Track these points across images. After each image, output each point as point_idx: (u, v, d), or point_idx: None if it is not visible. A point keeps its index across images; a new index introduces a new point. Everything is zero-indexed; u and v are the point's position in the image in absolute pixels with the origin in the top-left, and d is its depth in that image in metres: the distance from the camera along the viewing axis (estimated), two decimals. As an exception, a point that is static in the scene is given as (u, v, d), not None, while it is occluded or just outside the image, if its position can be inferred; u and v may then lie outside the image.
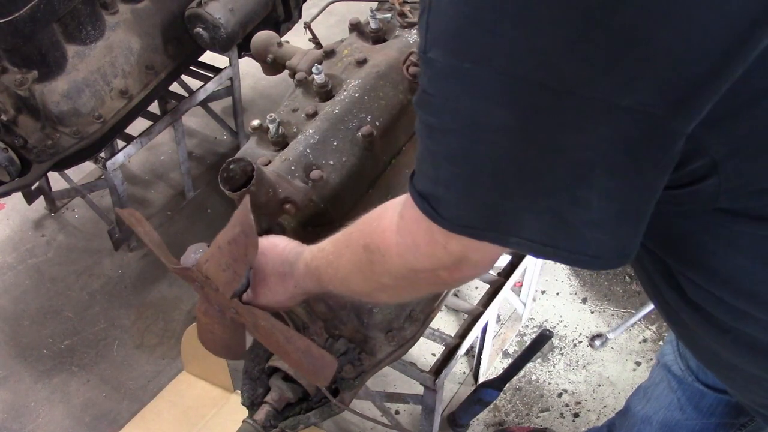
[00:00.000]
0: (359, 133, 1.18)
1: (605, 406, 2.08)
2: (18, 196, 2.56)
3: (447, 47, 0.61)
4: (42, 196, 2.64)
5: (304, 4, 2.48)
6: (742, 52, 0.55)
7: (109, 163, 2.25)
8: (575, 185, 0.62)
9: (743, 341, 0.79)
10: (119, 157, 2.28)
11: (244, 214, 0.90)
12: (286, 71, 1.45)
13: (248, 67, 2.67)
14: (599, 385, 2.13)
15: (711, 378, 1.29)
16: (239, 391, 1.41)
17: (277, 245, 1.01)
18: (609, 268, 0.68)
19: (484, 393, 1.92)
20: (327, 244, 0.93)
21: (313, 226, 1.24)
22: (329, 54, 1.36)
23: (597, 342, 2.21)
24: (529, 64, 0.57)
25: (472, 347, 2.08)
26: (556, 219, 0.64)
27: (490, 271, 1.75)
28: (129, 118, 2.13)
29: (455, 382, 2.14)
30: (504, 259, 1.81)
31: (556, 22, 0.55)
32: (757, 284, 0.73)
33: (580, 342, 2.23)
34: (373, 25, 1.36)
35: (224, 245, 0.94)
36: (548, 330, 1.89)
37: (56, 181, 2.60)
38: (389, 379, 2.11)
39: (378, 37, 1.36)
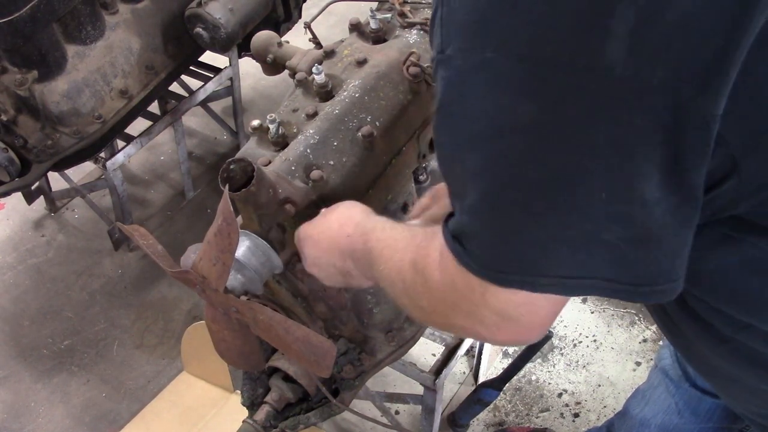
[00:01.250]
0: (359, 134, 1.18)
1: (605, 407, 2.08)
2: (18, 196, 2.56)
3: (466, 38, 0.59)
4: (42, 196, 2.64)
5: (304, 4, 2.48)
6: (755, 12, 0.54)
7: (109, 163, 2.25)
8: (611, 191, 0.57)
9: (742, 352, 0.78)
10: (119, 157, 2.28)
11: (224, 204, 0.91)
12: (286, 71, 1.45)
13: (248, 67, 2.67)
14: (599, 385, 2.13)
15: (708, 383, 1.29)
16: (239, 391, 1.41)
17: (356, 205, 1.00)
18: (657, 298, 0.61)
19: (484, 393, 1.92)
20: (392, 231, 0.87)
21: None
22: (329, 54, 1.36)
23: None
24: (552, 45, 0.55)
25: (472, 347, 2.08)
26: (591, 241, 0.59)
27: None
28: (129, 118, 2.13)
29: (455, 382, 2.14)
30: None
31: None
32: (765, 298, 0.71)
33: (580, 342, 2.23)
34: (373, 25, 1.35)
35: (212, 238, 0.95)
36: (548, 330, 1.89)
37: (56, 181, 2.60)
38: (389, 379, 2.10)
39: (378, 37, 1.36)
